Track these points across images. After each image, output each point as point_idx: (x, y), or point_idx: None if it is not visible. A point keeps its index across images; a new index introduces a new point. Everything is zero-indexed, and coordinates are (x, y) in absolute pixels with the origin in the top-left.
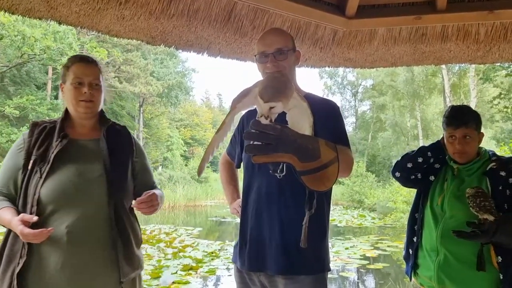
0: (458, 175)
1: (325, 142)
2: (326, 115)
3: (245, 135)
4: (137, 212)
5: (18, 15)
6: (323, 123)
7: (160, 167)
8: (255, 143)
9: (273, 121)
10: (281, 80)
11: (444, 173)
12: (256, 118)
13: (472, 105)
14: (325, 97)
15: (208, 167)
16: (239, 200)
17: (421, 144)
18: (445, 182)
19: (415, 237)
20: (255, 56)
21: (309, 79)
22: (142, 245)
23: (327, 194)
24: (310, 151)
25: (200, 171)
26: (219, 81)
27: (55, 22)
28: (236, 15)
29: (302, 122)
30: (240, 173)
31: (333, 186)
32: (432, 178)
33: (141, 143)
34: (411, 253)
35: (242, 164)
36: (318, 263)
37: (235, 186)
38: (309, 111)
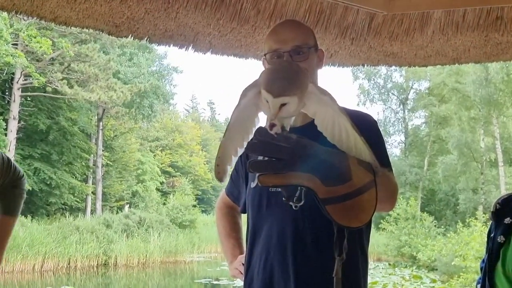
0: None
1: (357, 160)
2: (362, 131)
3: (248, 147)
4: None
5: None
6: None
7: (126, 207)
8: (262, 158)
9: (286, 129)
10: (292, 68)
11: None
12: (264, 126)
13: None
14: (359, 109)
15: (194, 206)
16: (242, 257)
17: (501, 173)
18: None
19: None
20: (264, 55)
21: (337, 81)
22: None
23: (361, 236)
24: (337, 170)
25: (219, 177)
26: (210, 84)
27: None
28: None
29: (336, 123)
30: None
31: (372, 231)
32: (501, 239)
33: (100, 171)
34: None
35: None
36: None
37: (238, 239)
38: (337, 105)
